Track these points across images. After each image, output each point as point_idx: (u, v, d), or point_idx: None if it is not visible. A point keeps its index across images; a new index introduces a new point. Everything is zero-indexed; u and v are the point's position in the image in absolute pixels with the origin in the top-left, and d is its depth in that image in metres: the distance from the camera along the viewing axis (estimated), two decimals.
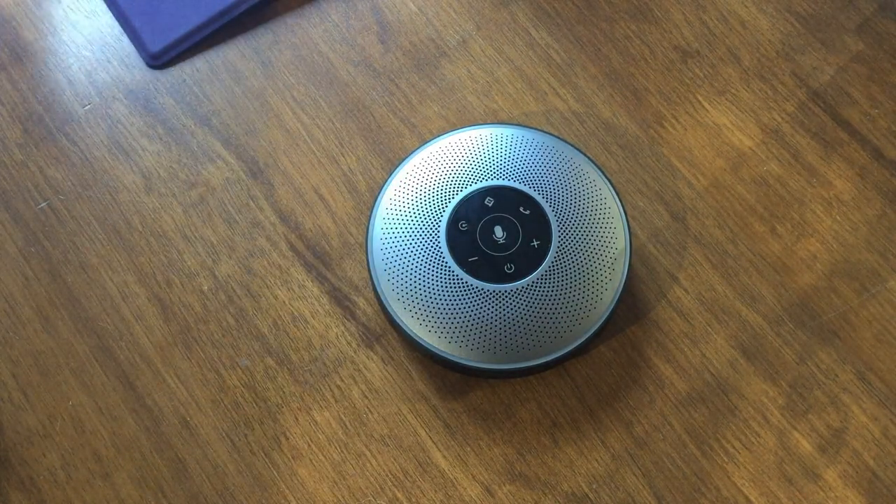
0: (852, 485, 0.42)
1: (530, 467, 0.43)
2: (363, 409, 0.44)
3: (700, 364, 0.44)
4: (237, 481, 0.43)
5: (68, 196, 0.48)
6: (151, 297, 0.46)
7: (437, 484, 0.43)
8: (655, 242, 0.46)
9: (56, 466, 0.43)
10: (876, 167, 0.47)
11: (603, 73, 0.50)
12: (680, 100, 0.49)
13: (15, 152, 0.49)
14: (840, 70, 0.49)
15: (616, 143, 0.48)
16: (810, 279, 0.45)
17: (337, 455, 0.43)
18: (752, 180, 0.47)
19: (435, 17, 0.51)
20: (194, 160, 0.49)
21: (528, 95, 0.49)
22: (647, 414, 0.43)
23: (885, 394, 0.43)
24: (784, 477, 0.42)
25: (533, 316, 0.40)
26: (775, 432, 0.43)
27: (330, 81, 0.50)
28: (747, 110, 0.48)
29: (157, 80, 0.51)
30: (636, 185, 0.47)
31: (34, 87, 0.51)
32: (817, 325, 0.44)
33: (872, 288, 0.45)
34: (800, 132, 0.48)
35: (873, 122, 0.48)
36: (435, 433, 0.44)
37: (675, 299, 0.45)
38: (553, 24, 0.51)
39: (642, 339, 0.45)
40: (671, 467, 0.42)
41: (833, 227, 0.46)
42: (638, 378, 0.44)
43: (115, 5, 0.52)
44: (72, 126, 0.50)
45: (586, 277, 0.41)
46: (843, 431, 0.43)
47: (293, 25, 0.52)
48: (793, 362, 0.44)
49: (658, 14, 0.51)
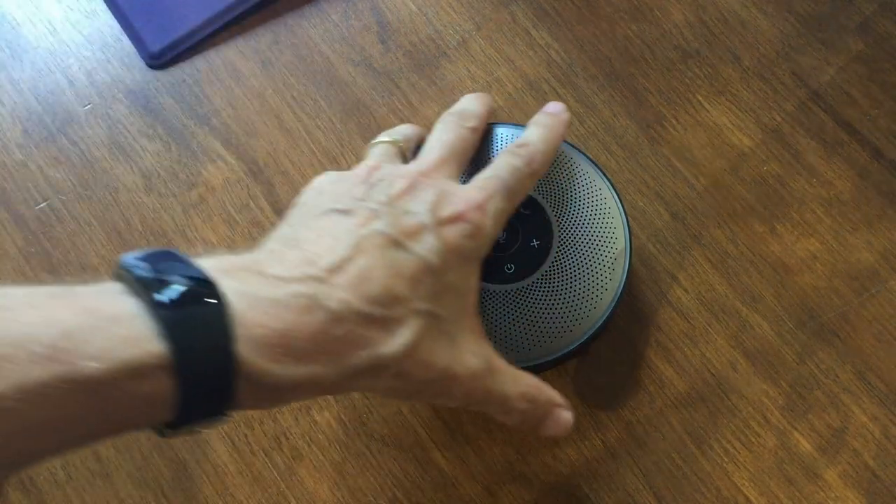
0: (852, 485, 0.42)
1: (530, 467, 0.43)
2: (363, 409, 0.44)
3: (700, 364, 0.44)
4: (237, 481, 0.43)
5: (68, 196, 0.48)
6: None
7: (437, 484, 0.43)
8: (655, 242, 0.46)
9: (56, 466, 0.43)
10: (876, 167, 0.47)
11: (603, 73, 0.50)
12: (680, 100, 0.49)
13: (15, 152, 0.49)
14: (840, 70, 0.49)
15: (616, 143, 0.48)
16: (810, 279, 0.45)
17: (337, 455, 0.43)
18: (752, 180, 0.47)
19: (435, 17, 0.51)
20: (194, 160, 0.49)
21: (528, 95, 0.49)
22: (647, 414, 0.43)
23: (885, 394, 0.43)
24: (784, 477, 0.42)
25: (533, 316, 0.40)
26: (775, 432, 0.43)
27: (330, 81, 0.50)
28: (747, 110, 0.48)
29: (157, 80, 0.51)
30: (636, 185, 0.47)
31: (34, 87, 0.51)
32: (817, 325, 0.44)
33: (872, 288, 0.45)
34: (800, 132, 0.48)
35: (873, 121, 0.48)
36: (435, 433, 0.44)
37: (675, 299, 0.45)
38: (553, 24, 0.51)
39: (642, 339, 0.44)
40: (671, 467, 0.42)
41: (833, 227, 0.46)
42: (638, 378, 0.44)
43: (115, 5, 0.52)
44: (72, 126, 0.50)
45: (586, 277, 0.41)
46: (843, 431, 0.43)
47: (293, 25, 0.52)
48: (793, 362, 0.44)
49: (658, 14, 0.51)
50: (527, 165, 0.38)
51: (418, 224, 0.34)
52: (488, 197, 0.36)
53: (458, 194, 0.36)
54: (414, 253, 0.33)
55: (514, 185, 0.37)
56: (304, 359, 0.29)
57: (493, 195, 0.36)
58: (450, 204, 0.35)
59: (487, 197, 0.36)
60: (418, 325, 0.32)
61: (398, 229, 0.33)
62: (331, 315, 0.30)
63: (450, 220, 0.34)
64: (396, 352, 0.31)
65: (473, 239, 0.35)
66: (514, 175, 0.38)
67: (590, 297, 0.41)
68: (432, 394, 0.35)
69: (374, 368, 0.31)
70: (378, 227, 0.33)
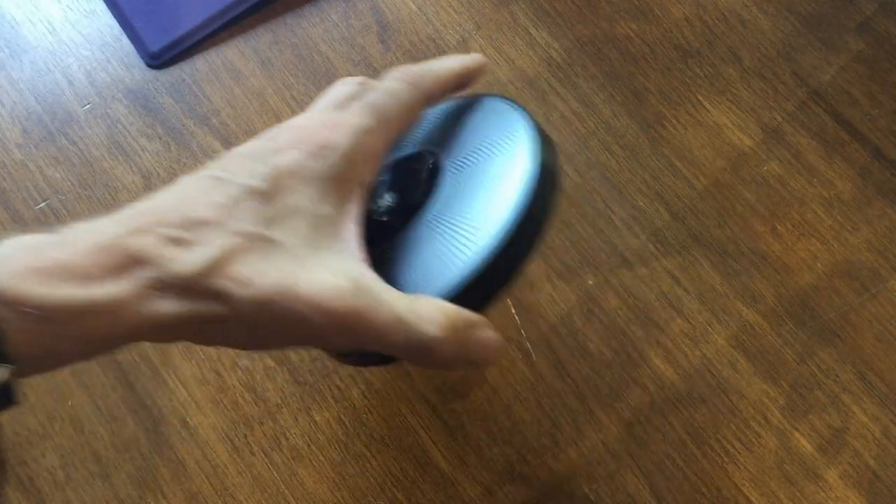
0: (853, 485, 0.42)
1: (530, 467, 0.43)
2: (363, 409, 0.44)
3: (700, 364, 0.44)
4: (237, 481, 0.43)
5: (68, 196, 0.48)
6: None
7: (437, 484, 0.43)
8: (655, 242, 0.46)
9: (56, 467, 0.43)
10: (876, 167, 0.47)
11: (603, 73, 0.50)
12: (680, 99, 0.49)
13: (14, 152, 0.49)
14: (841, 70, 0.49)
15: (616, 143, 0.48)
16: (811, 279, 0.45)
17: (337, 455, 0.43)
18: (752, 180, 0.47)
19: (435, 17, 0.51)
20: (194, 160, 0.49)
21: (528, 95, 0.49)
22: (647, 414, 0.43)
23: (885, 394, 0.43)
24: (785, 477, 0.42)
25: (431, 250, 0.35)
26: (776, 432, 0.43)
27: (330, 81, 0.50)
28: (748, 110, 0.48)
29: (157, 80, 0.51)
30: (636, 184, 0.47)
31: (33, 87, 0.51)
32: (818, 324, 0.44)
33: (873, 288, 0.45)
34: (800, 132, 0.48)
35: (874, 121, 0.48)
36: (435, 433, 0.43)
37: (675, 299, 0.45)
38: (553, 24, 0.51)
39: (642, 339, 0.44)
40: (671, 467, 0.42)
41: (833, 226, 0.46)
42: (638, 378, 0.44)
43: (114, 5, 0.52)
44: (71, 126, 0.50)
45: (482, 200, 0.35)
46: (844, 431, 0.43)
47: (293, 25, 0.52)
48: (793, 362, 0.44)
49: (658, 13, 0.51)
50: (408, 84, 0.35)
51: (249, 158, 0.32)
52: (344, 117, 0.33)
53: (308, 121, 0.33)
54: (234, 182, 0.30)
55: (386, 103, 0.34)
56: (86, 280, 0.26)
57: (353, 113, 0.33)
58: (293, 129, 0.33)
59: (341, 117, 0.33)
60: (229, 243, 0.29)
61: (228, 171, 0.31)
62: (120, 238, 0.28)
63: (289, 145, 0.32)
64: (191, 268, 0.28)
65: (319, 158, 0.31)
66: (387, 93, 0.34)
67: (488, 217, 0.34)
68: (283, 326, 0.29)
69: (174, 288, 0.28)
70: (209, 173, 0.31)
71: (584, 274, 0.46)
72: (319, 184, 0.32)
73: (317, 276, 0.29)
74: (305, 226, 0.31)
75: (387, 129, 0.34)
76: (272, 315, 0.29)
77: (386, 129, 0.34)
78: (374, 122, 0.33)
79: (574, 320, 0.45)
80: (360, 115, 0.33)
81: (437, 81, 0.36)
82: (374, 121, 0.33)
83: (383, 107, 0.34)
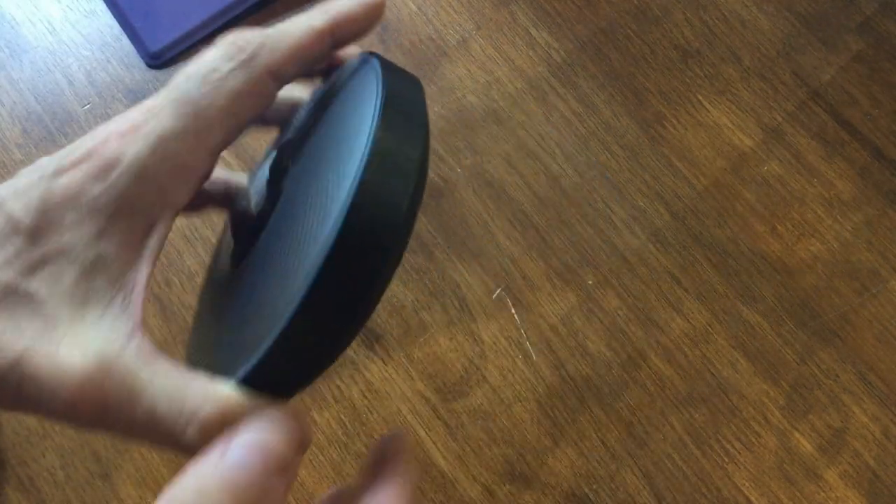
0: (853, 485, 0.42)
1: (530, 467, 0.43)
2: (363, 409, 0.44)
3: (700, 364, 0.44)
4: None
5: None
6: (151, 297, 0.46)
7: (437, 484, 0.43)
8: (655, 242, 0.46)
9: (55, 466, 0.43)
10: (876, 167, 0.47)
11: (603, 73, 0.50)
12: (680, 99, 0.49)
13: (14, 152, 0.49)
14: (841, 70, 0.49)
15: (617, 143, 0.48)
16: (811, 279, 0.45)
17: (337, 455, 0.43)
18: (752, 180, 0.47)
19: (435, 17, 0.51)
20: None
21: (528, 95, 0.49)
22: (647, 414, 0.43)
23: (885, 394, 0.43)
24: (785, 477, 0.42)
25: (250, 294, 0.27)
26: (776, 432, 0.43)
27: None
28: (748, 110, 0.48)
29: (157, 80, 0.51)
30: (636, 184, 0.47)
31: (33, 87, 0.51)
32: (818, 325, 0.44)
33: (873, 288, 0.45)
34: (800, 132, 0.48)
35: (874, 121, 0.48)
36: (435, 433, 0.43)
37: (676, 299, 0.45)
38: (553, 24, 0.51)
39: (642, 339, 0.44)
40: (671, 467, 0.42)
41: (834, 226, 0.46)
42: (638, 378, 0.44)
43: (114, 5, 0.52)
44: (71, 126, 0.50)
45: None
46: (844, 431, 0.43)
47: None
48: (793, 362, 0.44)
49: (658, 14, 0.51)
50: (238, 63, 0.25)
51: (29, 177, 0.25)
52: (144, 118, 0.25)
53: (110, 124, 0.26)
54: (2, 211, 0.24)
55: (199, 91, 0.25)
56: None
57: (156, 113, 0.25)
58: (93, 138, 0.26)
59: (141, 118, 0.25)
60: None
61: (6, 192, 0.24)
62: None
63: (73, 164, 0.25)
64: None
65: (99, 181, 0.24)
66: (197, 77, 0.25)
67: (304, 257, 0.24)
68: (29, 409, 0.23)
69: None
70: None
71: (584, 274, 0.46)
72: (98, 215, 0.24)
73: (62, 351, 0.23)
74: (74, 274, 0.24)
75: (207, 129, 0.25)
76: (10, 395, 0.23)
77: (206, 129, 0.25)
78: (183, 123, 0.25)
79: (574, 320, 0.45)
80: (164, 115, 0.25)
81: (285, 52, 0.27)
82: (182, 121, 0.25)
83: (199, 99, 0.25)
